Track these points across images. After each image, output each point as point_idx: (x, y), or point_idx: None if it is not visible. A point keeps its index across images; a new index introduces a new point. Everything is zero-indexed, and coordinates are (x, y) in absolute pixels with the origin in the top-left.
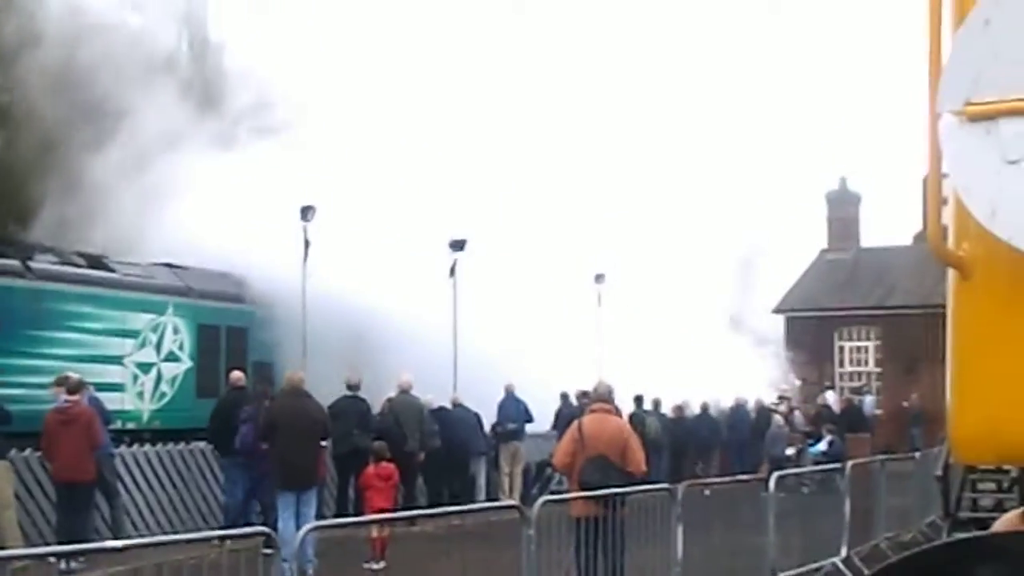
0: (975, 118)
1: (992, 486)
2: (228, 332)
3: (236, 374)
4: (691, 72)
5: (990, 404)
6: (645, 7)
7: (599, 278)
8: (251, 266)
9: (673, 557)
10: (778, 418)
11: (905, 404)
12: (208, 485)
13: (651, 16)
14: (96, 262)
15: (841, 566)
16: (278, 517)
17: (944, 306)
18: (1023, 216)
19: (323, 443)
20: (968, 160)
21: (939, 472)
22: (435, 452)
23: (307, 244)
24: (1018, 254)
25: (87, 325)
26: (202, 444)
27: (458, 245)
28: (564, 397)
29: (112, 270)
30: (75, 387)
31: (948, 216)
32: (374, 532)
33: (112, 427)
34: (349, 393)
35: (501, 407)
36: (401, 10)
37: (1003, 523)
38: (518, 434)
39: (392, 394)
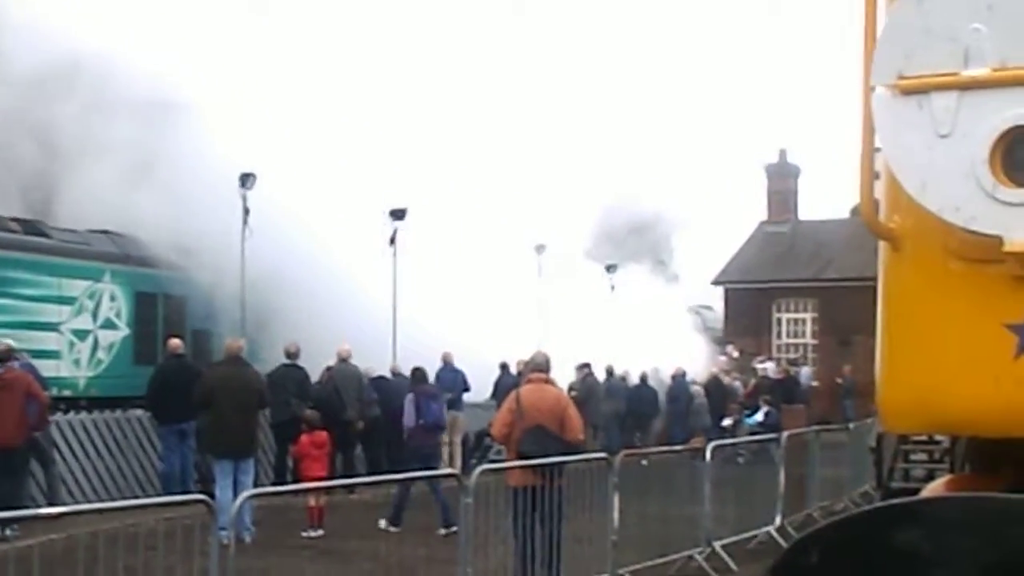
0: (908, 91)
1: (924, 457)
2: (166, 300)
3: (174, 341)
4: (632, 45)
5: (918, 374)
6: None
7: (540, 249)
8: (190, 233)
9: (609, 526)
10: (698, 389)
11: (839, 381)
12: (145, 453)
13: None
14: (32, 228)
15: (775, 535)
16: (215, 485)
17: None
18: (952, 189)
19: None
20: (900, 133)
21: (872, 443)
22: (374, 421)
23: (246, 212)
24: (947, 226)
25: (22, 291)
26: (139, 412)
27: (398, 214)
28: (503, 367)
29: (48, 236)
30: (3, 355)
31: (880, 190)
32: (311, 500)
33: (48, 395)
34: (288, 361)
35: (438, 377)
36: None
37: (929, 491)
38: (456, 403)
39: (331, 363)
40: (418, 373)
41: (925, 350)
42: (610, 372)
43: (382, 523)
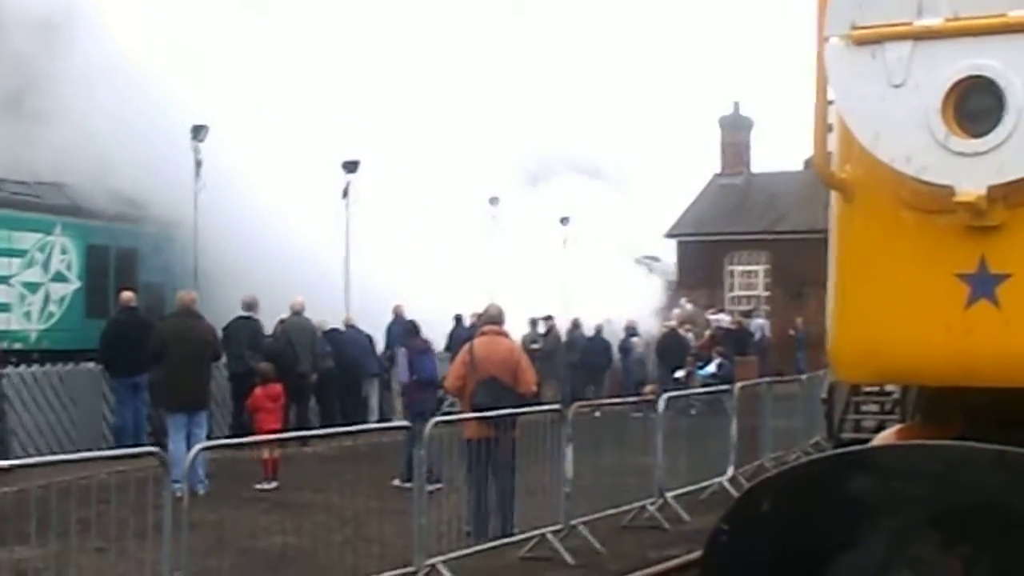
0: (861, 42)
1: (875, 407)
2: (118, 252)
3: (127, 294)
4: None
5: (870, 324)
6: None
7: (493, 201)
8: (142, 186)
9: (563, 477)
10: (637, 341)
11: (792, 333)
12: (98, 406)
13: None
14: None
15: (728, 485)
16: (168, 438)
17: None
18: (905, 139)
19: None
20: (853, 84)
21: (824, 395)
22: (327, 373)
23: (199, 164)
24: (899, 176)
25: None
26: (91, 365)
27: (351, 167)
28: (458, 319)
29: None
30: None
31: (833, 140)
32: (265, 453)
33: None
34: (243, 313)
35: (390, 329)
36: None
37: (879, 440)
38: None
39: (285, 315)
40: (411, 327)
41: (876, 300)
42: (576, 324)
43: (396, 482)
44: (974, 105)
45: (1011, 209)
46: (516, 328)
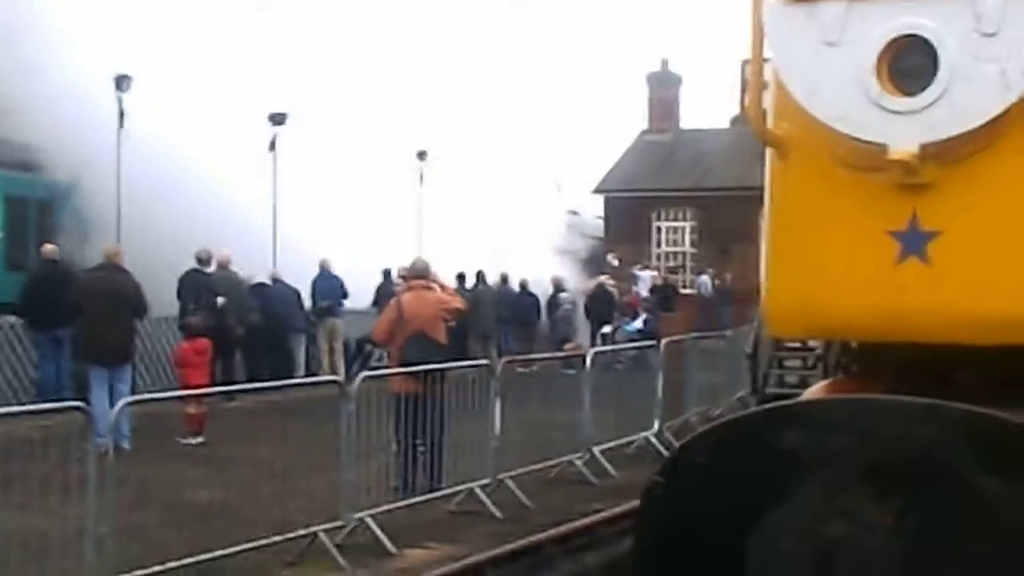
0: (798, 0)
1: (798, 363)
2: (37, 204)
3: (48, 247)
4: None
5: (803, 280)
6: None
7: (421, 155)
8: (62, 137)
9: (491, 432)
10: (565, 295)
11: (717, 282)
12: (20, 360)
13: None
14: None
15: (653, 439)
16: (91, 393)
17: (759, 188)
18: (839, 96)
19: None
20: (789, 41)
21: (749, 350)
22: (254, 328)
23: (122, 115)
24: (834, 134)
25: None
26: (12, 318)
27: (278, 119)
28: (386, 274)
29: None
30: None
31: (768, 98)
32: (191, 408)
33: None
34: (196, 267)
35: (315, 284)
36: None
37: (809, 395)
38: (334, 310)
39: (210, 269)
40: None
41: (810, 256)
42: (504, 279)
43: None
44: (907, 64)
45: (943, 167)
46: (449, 284)
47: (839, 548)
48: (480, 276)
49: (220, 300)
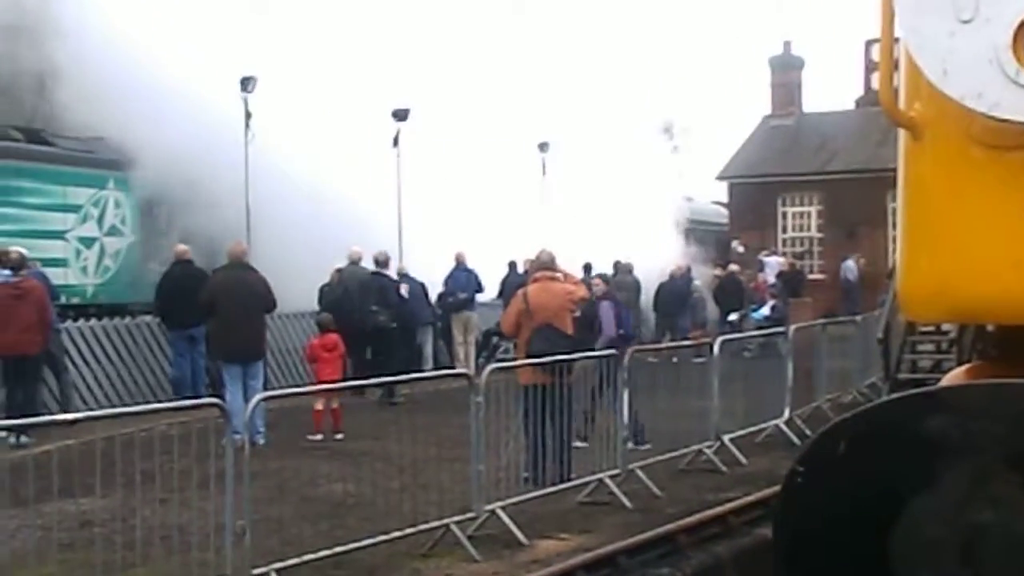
0: None
1: (931, 348)
2: (171, 206)
3: (181, 247)
4: None
5: (939, 262)
6: None
7: (543, 147)
8: (193, 139)
9: (619, 421)
10: (698, 284)
11: (863, 262)
12: (155, 359)
13: None
14: (34, 136)
15: (784, 427)
16: (225, 390)
17: (886, 170)
18: (974, 75)
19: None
20: (921, 20)
21: (880, 335)
22: (383, 322)
23: (248, 115)
24: (969, 113)
25: (28, 200)
26: (148, 318)
27: (401, 115)
28: (512, 266)
29: (51, 144)
30: (19, 263)
31: (899, 78)
32: (319, 405)
33: (57, 302)
34: (374, 269)
35: (452, 277)
36: None
37: (950, 380)
38: (469, 304)
39: (341, 265)
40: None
41: (947, 238)
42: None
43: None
44: None
45: None
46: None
47: (986, 536)
48: (618, 266)
49: (404, 291)
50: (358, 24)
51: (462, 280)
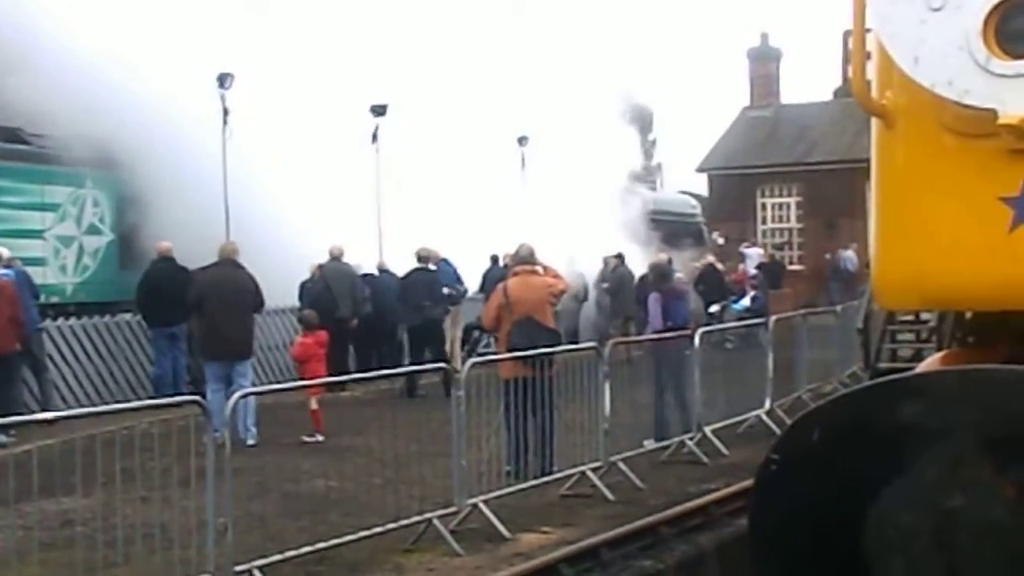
0: None
1: (911, 337)
2: (149, 203)
3: (163, 244)
4: None
5: (914, 250)
6: None
7: (522, 140)
8: (170, 136)
9: (601, 414)
10: (680, 276)
11: (827, 256)
12: (136, 357)
13: None
14: (11, 135)
15: (765, 418)
16: (207, 387)
17: (865, 160)
18: (945, 63)
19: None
20: (892, 9)
21: (860, 325)
22: (365, 318)
23: (226, 112)
24: (941, 101)
25: (5, 199)
26: (128, 316)
27: (379, 110)
28: (494, 260)
29: (28, 143)
30: None
31: (872, 68)
32: (314, 404)
33: (38, 301)
34: (419, 265)
35: (488, 274)
36: None
37: (926, 366)
38: (455, 298)
39: (322, 261)
40: (662, 270)
41: (920, 226)
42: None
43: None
44: (1015, 26)
45: None
46: (560, 267)
47: (960, 521)
48: (620, 258)
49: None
50: (336, 20)
51: (449, 274)
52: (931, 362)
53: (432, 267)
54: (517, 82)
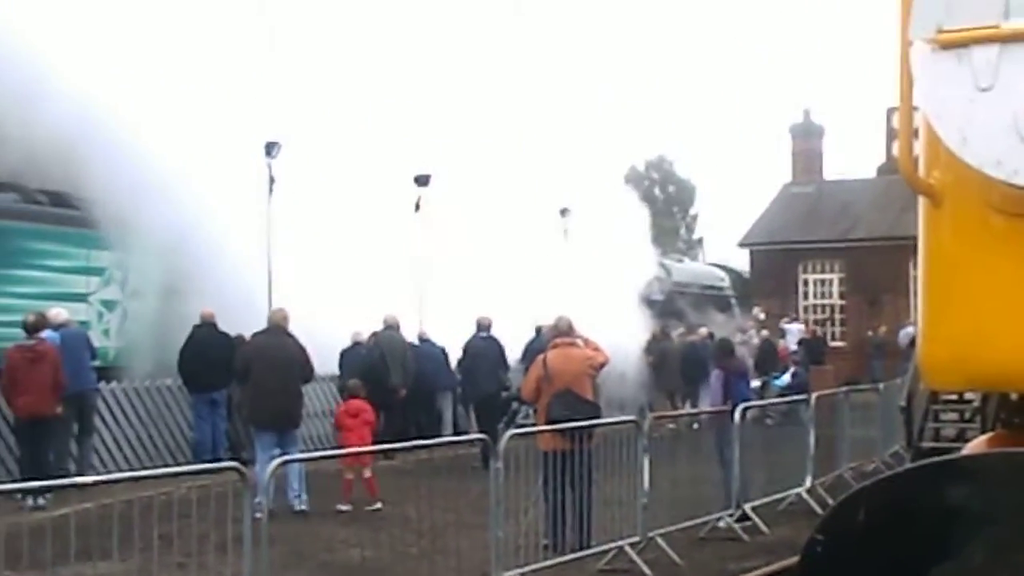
0: (947, 46)
1: (954, 416)
2: (195, 269)
3: (206, 310)
4: (657, 4)
5: (960, 330)
6: None
7: (564, 212)
8: (216, 203)
9: (640, 489)
10: (743, 350)
11: (870, 333)
12: (176, 422)
13: None
14: (59, 199)
15: (806, 496)
16: (256, 456)
17: (908, 237)
18: (994, 143)
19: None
20: (940, 88)
21: (903, 403)
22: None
23: (272, 180)
24: (989, 181)
25: (51, 263)
26: (169, 381)
27: (422, 180)
28: (538, 331)
29: (75, 207)
30: (35, 325)
31: (918, 146)
32: (349, 475)
33: (94, 362)
34: (484, 334)
35: (529, 346)
36: None
37: (971, 448)
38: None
39: (376, 329)
40: (725, 345)
41: (966, 306)
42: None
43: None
44: None
45: None
46: (601, 339)
47: None
48: (665, 331)
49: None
50: (381, 90)
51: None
52: (978, 444)
53: (495, 336)
54: (560, 156)
